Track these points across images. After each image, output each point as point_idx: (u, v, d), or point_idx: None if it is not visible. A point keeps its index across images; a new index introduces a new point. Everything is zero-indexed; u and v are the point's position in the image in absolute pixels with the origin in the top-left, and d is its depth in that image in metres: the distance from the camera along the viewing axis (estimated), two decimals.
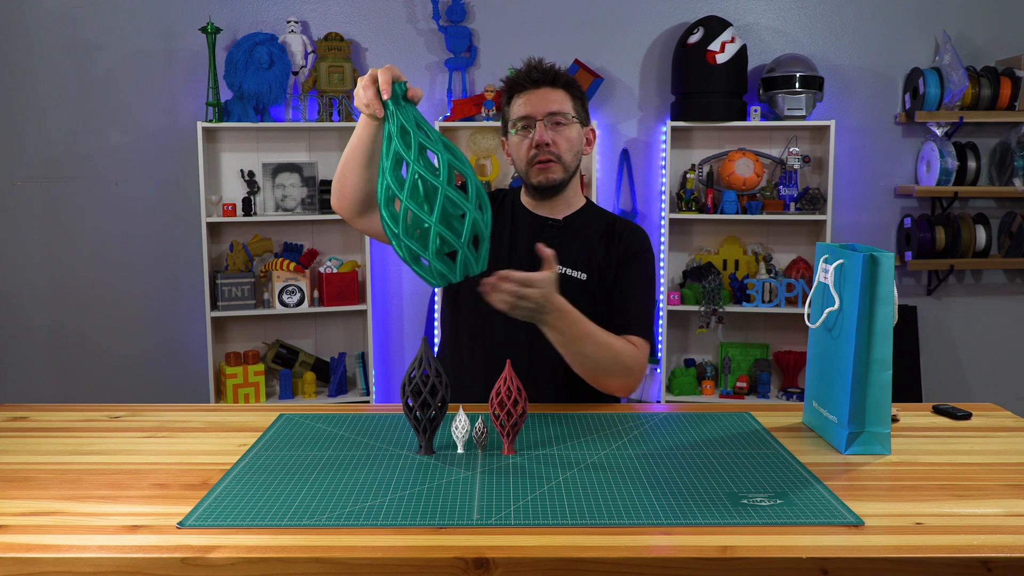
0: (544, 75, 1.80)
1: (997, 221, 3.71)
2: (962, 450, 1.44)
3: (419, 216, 1.36)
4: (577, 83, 1.85)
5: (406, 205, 1.34)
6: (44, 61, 3.52)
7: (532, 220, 1.86)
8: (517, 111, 1.80)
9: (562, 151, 1.79)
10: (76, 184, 3.59)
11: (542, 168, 1.79)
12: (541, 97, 1.78)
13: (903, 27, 3.65)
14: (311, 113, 3.55)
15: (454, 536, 1.09)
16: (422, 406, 1.38)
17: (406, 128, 1.38)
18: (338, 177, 1.70)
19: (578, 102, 1.83)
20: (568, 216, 1.86)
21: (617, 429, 1.53)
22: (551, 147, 1.77)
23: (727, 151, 3.65)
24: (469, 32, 3.59)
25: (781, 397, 3.67)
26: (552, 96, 1.79)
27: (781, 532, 1.10)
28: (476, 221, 1.37)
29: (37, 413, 1.65)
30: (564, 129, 1.79)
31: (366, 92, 1.44)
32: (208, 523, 1.13)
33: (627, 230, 1.86)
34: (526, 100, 1.79)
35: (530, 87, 1.80)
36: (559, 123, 1.78)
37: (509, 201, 1.91)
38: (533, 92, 1.79)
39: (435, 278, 1.40)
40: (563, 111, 1.78)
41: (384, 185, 1.37)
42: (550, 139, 1.77)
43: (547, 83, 1.80)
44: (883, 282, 1.38)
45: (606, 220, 1.88)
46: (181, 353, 3.68)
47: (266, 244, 3.60)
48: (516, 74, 1.83)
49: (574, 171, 1.84)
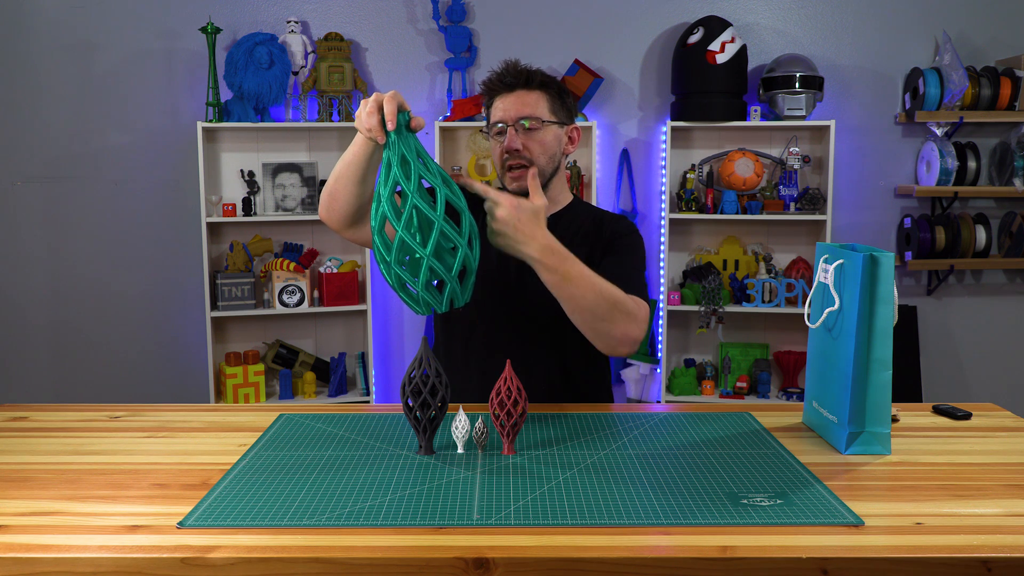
0: (517, 77, 1.76)
1: (997, 221, 3.71)
2: (962, 450, 1.44)
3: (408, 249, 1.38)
4: (556, 81, 1.81)
5: (401, 235, 1.35)
6: (44, 61, 3.52)
7: None
8: (493, 115, 1.78)
9: (534, 155, 1.75)
10: (76, 184, 3.59)
11: (515, 176, 1.76)
12: (513, 101, 1.75)
13: (903, 27, 3.65)
14: (311, 113, 3.55)
15: (454, 536, 1.09)
16: (422, 406, 1.38)
17: (407, 159, 1.38)
18: (329, 190, 1.68)
19: (557, 101, 1.79)
20: (555, 214, 1.85)
21: (617, 429, 1.53)
22: (523, 152, 1.74)
23: (727, 151, 3.65)
24: (469, 32, 3.59)
25: (781, 397, 3.67)
26: (525, 99, 1.75)
27: (781, 532, 1.10)
28: (467, 256, 1.39)
29: (37, 413, 1.65)
30: (537, 133, 1.75)
31: (370, 119, 1.42)
32: (208, 523, 1.13)
33: (612, 220, 1.85)
34: (499, 104, 1.77)
35: (504, 91, 1.77)
36: (532, 128, 1.74)
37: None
38: (506, 96, 1.76)
39: (421, 307, 1.42)
40: (534, 115, 1.74)
41: (380, 213, 1.38)
42: (520, 145, 1.73)
43: (521, 85, 1.76)
44: (883, 282, 1.38)
45: (593, 216, 1.87)
46: (181, 353, 3.68)
47: (266, 244, 3.60)
48: (491, 77, 1.80)
49: (551, 173, 1.81)
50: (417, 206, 1.36)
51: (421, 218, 1.40)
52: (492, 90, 1.79)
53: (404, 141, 1.40)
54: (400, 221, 1.36)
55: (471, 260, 1.41)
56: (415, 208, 1.36)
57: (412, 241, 1.36)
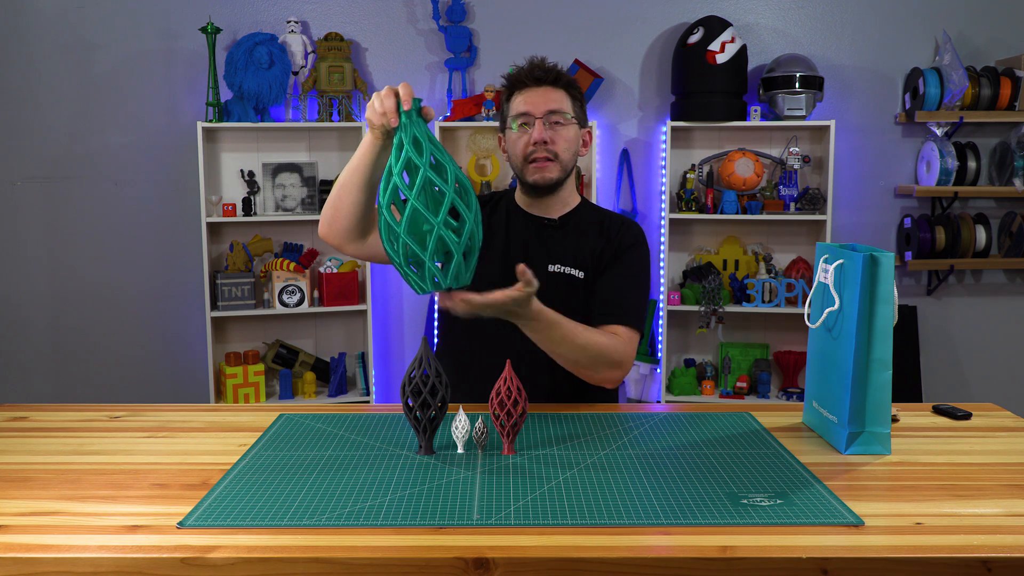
0: (546, 74, 1.80)
1: (997, 221, 3.71)
2: (962, 450, 1.44)
3: (418, 220, 1.37)
4: (577, 84, 1.86)
5: (413, 204, 1.35)
6: (44, 61, 3.52)
7: (528, 220, 1.86)
8: (517, 107, 1.80)
9: (560, 150, 1.79)
10: (76, 184, 3.59)
11: (538, 167, 1.79)
12: (542, 95, 1.79)
13: (903, 27, 3.65)
14: (311, 113, 3.55)
15: (454, 536, 1.09)
16: (422, 406, 1.38)
17: (419, 140, 1.39)
18: (332, 202, 1.68)
19: (577, 103, 1.83)
20: (564, 215, 1.87)
21: (617, 429, 1.53)
22: (549, 145, 1.77)
23: (727, 151, 3.65)
24: (469, 32, 3.59)
25: (781, 397, 3.67)
26: (552, 95, 1.79)
27: (781, 532, 1.10)
28: (473, 232, 1.40)
29: (37, 413, 1.65)
30: (563, 128, 1.79)
31: (387, 100, 1.44)
32: (208, 523, 1.13)
33: (622, 225, 1.86)
34: (526, 97, 1.80)
35: (531, 85, 1.80)
36: (558, 122, 1.78)
37: (504, 203, 1.91)
38: (534, 90, 1.80)
39: (427, 282, 1.40)
40: (562, 110, 1.79)
41: (391, 186, 1.38)
42: (548, 137, 1.77)
43: (548, 82, 1.80)
44: (883, 282, 1.38)
45: (600, 216, 1.89)
46: (181, 353, 3.68)
47: (266, 244, 3.60)
48: (518, 71, 1.84)
49: (570, 170, 1.85)
50: (431, 178, 1.36)
51: (429, 196, 1.40)
52: (519, 83, 1.82)
53: (417, 126, 1.42)
54: (412, 191, 1.36)
55: (477, 238, 1.41)
56: (426, 182, 1.37)
57: (424, 209, 1.36)
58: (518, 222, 1.87)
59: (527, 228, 1.86)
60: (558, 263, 1.81)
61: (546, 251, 1.82)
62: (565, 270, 1.80)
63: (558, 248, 1.82)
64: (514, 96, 1.83)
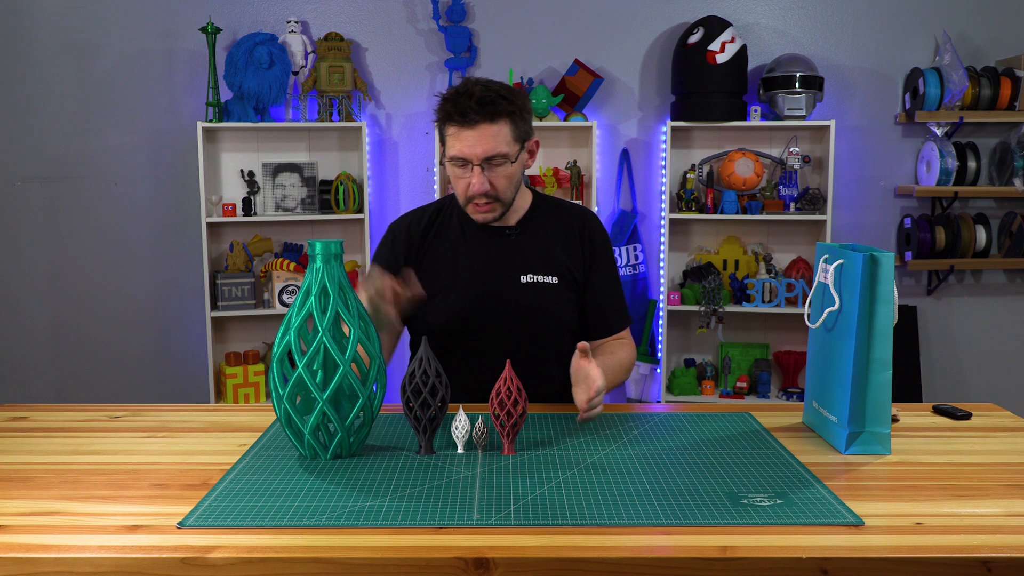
0: (481, 112, 1.62)
1: (997, 221, 3.71)
2: (962, 450, 1.44)
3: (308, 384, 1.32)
4: (516, 99, 1.67)
5: (301, 373, 1.31)
6: (44, 61, 3.52)
7: (486, 232, 1.80)
8: (453, 148, 1.66)
9: (500, 191, 1.69)
10: (76, 184, 3.58)
11: (480, 210, 1.72)
12: (478, 137, 1.63)
13: (903, 27, 3.65)
14: (311, 113, 3.55)
15: (454, 536, 1.09)
16: (422, 406, 1.38)
17: (328, 290, 1.33)
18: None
19: (519, 122, 1.68)
20: (521, 219, 1.81)
21: (617, 429, 1.53)
22: (490, 191, 1.68)
23: (727, 151, 3.65)
24: (469, 32, 3.59)
25: (781, 397, 3.67)
26: (488, 134, 1.63)
27: (781, 532, 1.10)
28: (366, 408, 1.36)
29: (37, 413, 1.65)
30: (502, 168, 1.67)
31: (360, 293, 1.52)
32: (208, 523, 1.13)
33: (582, 217, 1.84)
34: (463, 139, 1.64)
35: (466, 126, 1.63)
36: (498, 164, 1.67)
37: (455, 216, 1.82)
38: (469, 131, 1.63)
39: (306, 450, 1.37)
40: (500, 151, 1.65)
41: (285, 342, 1.33)
42: (487, 187, 1.67)
43: (485, 119, 1.63)
44: (883, 282, 1.38)
45: (555, 209, 1.85)
46: (181, 353, 3.68)
47: (266, 244, 3.60)
48: (450, 103, 1.65)
49: (513, 198, 1.75)
50: (327, 345, 1.30)
51: (328, 358, 1.34)
52: (451, 117, 1.65)
53: (329, 270, 1.34)
54: (304, 358, 1.31)
55: (370, 413, 1.37)
56: (323, 346, 1.31)
57: (312, 383, 1.31)
58: (476, 236, 1.80)
59: (487, 241, 1.79)
60: (529, 272, 1.77)
61: (514, 262, 1.78)
62: (538, 279, 1.77)
63: (526, 257, 1.78)
64: (448, 128, 1.67)
